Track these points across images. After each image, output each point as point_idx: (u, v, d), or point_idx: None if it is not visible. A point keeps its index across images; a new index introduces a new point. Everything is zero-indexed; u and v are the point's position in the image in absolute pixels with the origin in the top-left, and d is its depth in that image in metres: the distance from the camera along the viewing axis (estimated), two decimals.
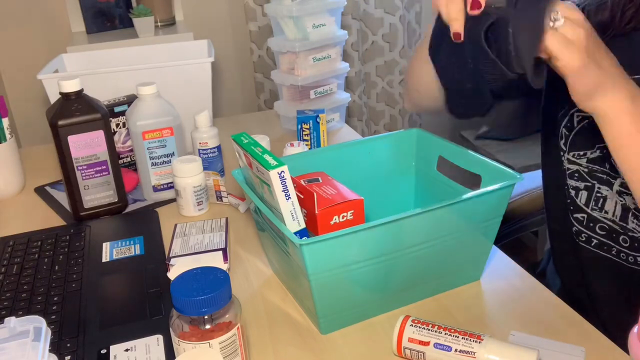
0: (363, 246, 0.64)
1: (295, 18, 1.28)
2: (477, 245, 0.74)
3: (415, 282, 0.72)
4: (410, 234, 0.67)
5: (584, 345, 0.63)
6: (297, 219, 0.68)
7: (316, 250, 0.62)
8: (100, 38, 2.07)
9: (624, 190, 0.83)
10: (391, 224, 0.64)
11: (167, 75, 1.16)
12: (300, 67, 1.30)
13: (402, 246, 0.67)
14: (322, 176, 0.79)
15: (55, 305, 0.75)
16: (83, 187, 0.96)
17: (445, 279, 0.75)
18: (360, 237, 0.63)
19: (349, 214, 0.71)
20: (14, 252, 0.88)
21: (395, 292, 0.71)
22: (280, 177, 0.65)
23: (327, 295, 0.66)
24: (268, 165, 0.65)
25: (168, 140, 1.02)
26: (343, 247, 0.63)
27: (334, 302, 0.67)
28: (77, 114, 0.92)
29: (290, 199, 0.66)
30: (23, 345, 0.51)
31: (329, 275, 0.64)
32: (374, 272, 0.67)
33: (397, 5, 2.35)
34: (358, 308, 0.70)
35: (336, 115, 1.38)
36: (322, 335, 0.69)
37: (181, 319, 0.55)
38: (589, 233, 0.90)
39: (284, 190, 0.66)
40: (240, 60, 2.42)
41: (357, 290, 0.68)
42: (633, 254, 0.85)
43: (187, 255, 0.81)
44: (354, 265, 0.65)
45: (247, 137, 0.72)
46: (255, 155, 0.68)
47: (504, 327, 0.68)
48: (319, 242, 0.62)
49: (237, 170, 0.79)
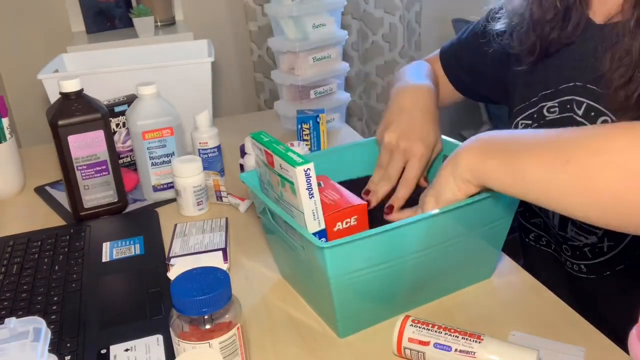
0: (380, 249, 0.64)
1: (295, 18, 1.27)
2: (488, 245, 0.74)
3: (428, 283, 0.71)
4: (427, 236, 0.66)
5: (584, 345, 0.64)
6: (319, 219, 0.66)
7: (337, 253, 0.61)
8: (100, 38, 2.07)
9: None
10: (402, 228, 0.63)
11: (167, 75, 1.16)
12: (300, 67, 1.30)
13: (417, 249, 0.66)
14: (325, 180, 0.78)
15: (55, 305, 0.75)
16: (83, 187, 0.96)
17: (457, 280, 0.75)
18: (379, 239, 0.63)
19: (353, 219, 0.71)
20: (14, 252, 0.88)
21: (409, 294, 0.71)
22: (305, 175, 0.64)
23: (346, 298, 0.65)
24: (293, 162, 0.64)
25: (168, 140, 1.02)
26: (362, 250, 0.62)
27: (352, 306, 0.67)
28: (77, 114, 0.92)
29: (314, 197, 0.65)
30: (23, 346, 0.52)
31: (348, 279, 0.63)
32: (389, 275, 0.66)
33: (397, 5, 2.35)
34: (374, 311, 0.69)
35: (336, 115, 1.38)
36: (322, 335, 0.69)
37: (181, 319, 0.55)
38: (546, 239, 0.92)
39: (307, 188, 0.64)
40: (240, 60, 2.42)
41: (373, 293, 0.67)
42: (577, 262, 0.86)
43: (187, 255, 0.81)
44: (371, 268, 0.64)
45: (266, 135, 0.71)
46: (278, 152, 0.66)
47: (504, 327, 0.68)
48: (341, 246, 0.60)
49: (249, 172, 0.79)
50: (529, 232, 0.95)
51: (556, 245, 0.90)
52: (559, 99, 0.83)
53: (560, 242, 0.87)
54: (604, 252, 0.82)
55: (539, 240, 0.93)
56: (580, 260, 0.86)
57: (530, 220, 0.93)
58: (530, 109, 0.86)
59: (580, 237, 0.83)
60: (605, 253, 0.82)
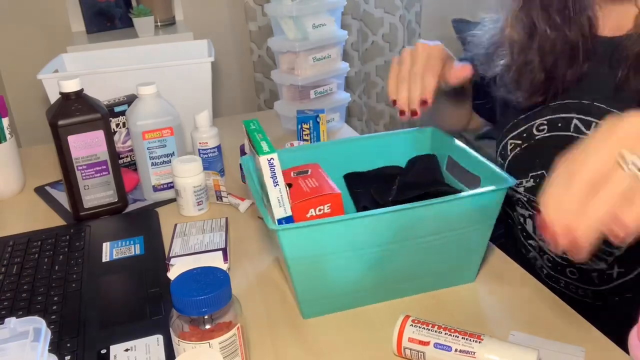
0: (341, 237, 0.66)
1: (295, 18, 1.27)
2: (466, 246, 0.73)
3: (401, 277, 0.72)
4: (388, 230, 0.67)
5: (584, 345, 0.64)
6: (284, 206, 0.69)
7: (293, 236, 0.64)
8: (100, 38, 2.07)
9: None
10: (366, 218, 0.65)
11: (167, 75, 1.16)
12: (300, 67, 1.30)
13: (381, 241, 0.68)
14: (313, 168, 0.79)
15: (55, 305, 0.75)
16: (83, 187, 0.96)
17: (433, 278, 0.74)
18: (336, 228, 0.65)
19: (326, 207, 0.74)
20: (14, 252, 0.88)
21: (382, 286, 0.72)
22: (269, 164, 0.67)
23: (306, 281, 0.68)
24: (260, 150, 0.67)
25: (168, 140, 1.02)
26: (320, 236, 0.65)
27: (314, 288, 0.69)
28: (77, 114, 0.92)
29: (278, 185, 0.68)
30: (23, 346, 0.52)
31: (306, 262, 0.66)
32: (354, 263, 0.69)
33: (397, 5, 2.35)
34: (341, 297, 0.71)
35: (336, 115, 1.38)
36: (323, 336, 0.69)
37: (181, 319, 0.55)
38: (540, 262, 0.89)
39: (272, 177, 0.68)
40: (240, 60, 2.42)
41: (337, 280, 0.69)
42: (583, 287, 0.84)
43: (187, 255, 0.81)
44: (332, 255, 0.67)
45: (255, 123, 0.75)
46: (254, 140, 0.70)
47: (504, 327, 0.68)
48: (295, 229, 0.64)
49: (246, 157, 0.81)
50: (527, 251, 0.92)
51: (551, 270, 0.87)
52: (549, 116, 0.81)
53: (564, 265, 0.84)
54: (613, 278, 0.80)
55: (534, 263, 0.91)
56: (587, 285, 0.83)
57: (527, 240, 0.90)
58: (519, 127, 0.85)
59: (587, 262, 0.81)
60: (615, 279, 0.80)
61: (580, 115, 0.78)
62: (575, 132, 0.78)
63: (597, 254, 0.79)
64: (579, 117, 0.78)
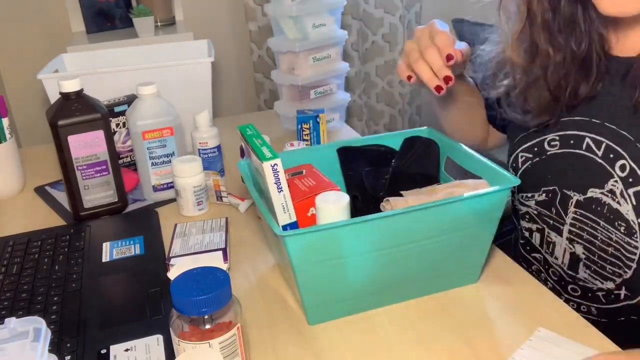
0: (347, 242, 0.65)
1: (295, 18, 1.27)
2: (470, 247, 0.73)
3: (407, 280, 0.71)
4: (395, 233, 0.67)
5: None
6: (289, 212, 0.69)
7: (299, 242, 0.63)
8: (100, 38, 2.07)
9: (574, 238, 0.80)
10: (372, 222, 0.64)
11: (167, 75, 1.16)
12: (300, 67, 1.30)
13: (388, 245, 0.67)
14: (307, 168, 0.79)
15: (55, 305, 0.75)
16: (83, 187, 0.96)
17: (438, 280, 0.74)
18: (343, 232, 0.64)
19: None
20: (14, 252, 0.88)
21: (387, 288, 0.71)
22: (273, 170, 0.66)
23: (313, 287, 0.67)
24: (263, 157, 0.66)
25: (168, 140, 1.02)
26: (326, 241, 0.64)
27: (320, 294, 0.68)
28: (77, 114, 0.92)
29: (282, 191, 0.67)
30: (23, 345, 0.52)
31: (314, 268, 0.65)
32: (361, 267, 0.68)
33: (397, 5, 2.35)
34: (347, 302, 0.70)
35: (336, 115, 1.38)
36: (323, 336, 0.69)
37: (181, 319, 0.55)
38: (545, 275, 0.88)
39: (276, 183, 0.67)
40: (240, 60, 2.42)
41: (343, 284, 0.68)
42: (587, 304, 0.83)
43: (187, 255, 0.81)
44: (338, 260, 0.66)
45: (252, 128, 0.74)
46: (254, 146, 0.69)
47: (505, 326, 0.68)
48: (301, 235, 0.62)
49: (242, 161, 0.80)
50: (530, 264, 0.92)
51: (556, 284, 0.86)
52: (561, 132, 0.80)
53: (567, 281, 0.84)
54: (620, 299, 0.79)
55: (538, 275, 0.90)
56: (593, 303, 0.82)
57: (530, 254, 0.90)
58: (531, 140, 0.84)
59: (595, 280, 0.80)
60: (622, 300, 0.79)
61: (592, 135, 0.77)
62: (587, 151, 0.78)
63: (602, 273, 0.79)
64: (591, 136, 0.77)
